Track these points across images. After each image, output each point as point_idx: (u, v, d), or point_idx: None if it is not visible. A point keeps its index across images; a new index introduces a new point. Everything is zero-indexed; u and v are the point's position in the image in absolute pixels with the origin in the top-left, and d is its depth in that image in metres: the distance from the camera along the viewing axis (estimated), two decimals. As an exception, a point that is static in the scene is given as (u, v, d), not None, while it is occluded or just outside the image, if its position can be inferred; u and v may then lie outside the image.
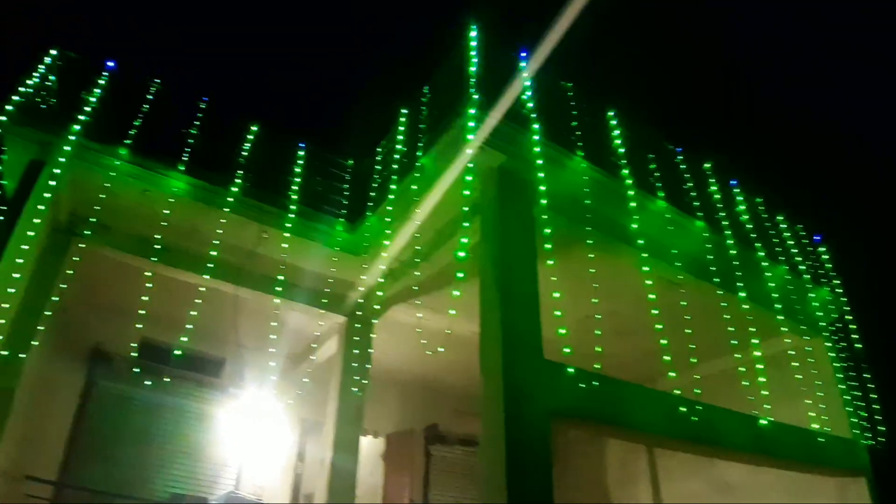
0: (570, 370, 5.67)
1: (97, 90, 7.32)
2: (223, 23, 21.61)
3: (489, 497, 5.10)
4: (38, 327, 6.93)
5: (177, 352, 7.06)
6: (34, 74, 7.21)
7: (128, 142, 7.11)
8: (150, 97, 7.60)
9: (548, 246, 6.09)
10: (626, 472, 11.31)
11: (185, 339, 6.91)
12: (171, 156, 7.34)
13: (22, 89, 6.98)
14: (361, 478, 8.65)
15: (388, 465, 11.07)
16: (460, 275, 5.79)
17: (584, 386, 5.70)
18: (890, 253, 15.18)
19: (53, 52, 7.46)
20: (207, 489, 9.28)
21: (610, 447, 11.76)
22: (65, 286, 7.42)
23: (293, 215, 7.71)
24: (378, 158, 8.17)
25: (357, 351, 8.55)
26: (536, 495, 5.10)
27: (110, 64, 7.58)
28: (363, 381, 8.45)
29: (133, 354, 9.54)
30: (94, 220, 7.03)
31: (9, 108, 6.74)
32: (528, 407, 5.40)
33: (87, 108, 7.08)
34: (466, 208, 6.13)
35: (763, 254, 8.45)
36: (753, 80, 21.82)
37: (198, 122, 7.66)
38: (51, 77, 7.49)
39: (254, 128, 8.00)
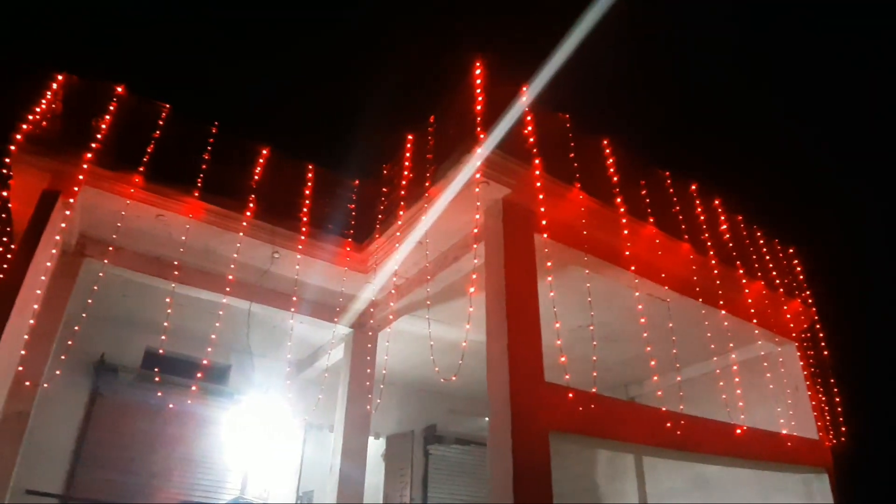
0: (570, 394, 6.17)
1: (107, 115, 7.38)
2: (230, 47, 21.66)
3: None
4: (51, 350, 7.14)
5: (198, 375, 7.34)
6: (42, 101, 7.15)
7: (140, 169, 7.21)
8: (161, 122, 7.74)
9: (549, 279, 6.55)
10: (615, 469, 11.99)
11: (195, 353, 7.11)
12: (185, 181, 7.47)
13: (29, 116, 6.93)
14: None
15: (388, 465, 11.58)
16: (470, 309, 6.23)
17: (581, 408, 6.21)
18: (855, 266, 16.06)
19: (59, 77, 7.42)
20: (214, 495, 9.67)
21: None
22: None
23: (303, 237, 8.00)
24: (384, 181, 8.48)
25: (363, 360, 8.95)
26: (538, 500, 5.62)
27: (118, 89, 7.65)
28: (369, 390, 8.86)
29: (138, 365, 9.88)
30: (107, 244, 7.25)
31: (17, 136, 6.70)
32: (531, 426, 5.90)
33: (98, 136, 7.13)
34: (476, 245, 6.55)
35: (742, 271, 9.02)
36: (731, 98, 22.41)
37: (209, 147, 7.83)
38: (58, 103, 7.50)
39: (264, 151, 8.22)
